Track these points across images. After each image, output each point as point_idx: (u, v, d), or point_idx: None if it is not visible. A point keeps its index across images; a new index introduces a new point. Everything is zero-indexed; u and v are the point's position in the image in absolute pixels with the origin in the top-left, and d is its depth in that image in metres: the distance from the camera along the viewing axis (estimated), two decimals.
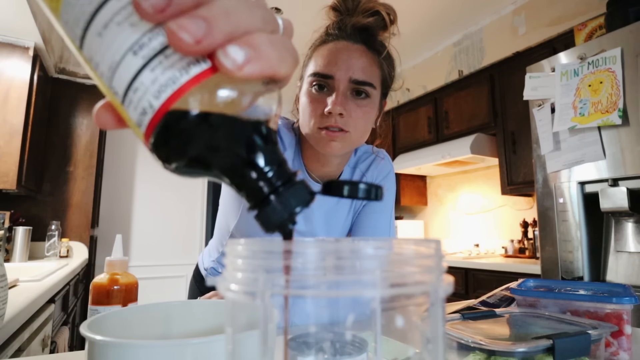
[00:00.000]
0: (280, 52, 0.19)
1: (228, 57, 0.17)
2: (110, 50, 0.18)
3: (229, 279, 0.19)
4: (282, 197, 0.21)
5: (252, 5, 0.19)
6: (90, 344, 0.31)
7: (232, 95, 0.19)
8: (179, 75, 0.18)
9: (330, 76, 0.66)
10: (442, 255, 0.21)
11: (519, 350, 0.39)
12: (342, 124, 0.66)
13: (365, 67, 0.67)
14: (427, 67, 3.21)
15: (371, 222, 0.85)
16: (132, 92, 0.19)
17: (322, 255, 0.19)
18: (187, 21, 0.17)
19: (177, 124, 0.19)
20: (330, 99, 0.65)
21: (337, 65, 0.66)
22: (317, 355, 0.25)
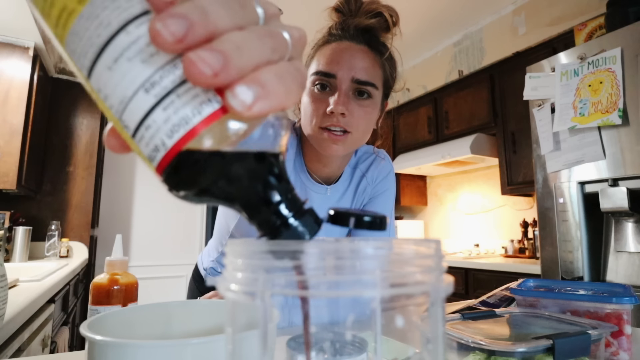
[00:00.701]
0: (287, 84, 0.19)
1: (237, 98, 0.17)
2: (121, 85, 0.18)
3: (229, 279, 0.19)
4: (292, 228, 0.21)
5: (262, 35, 0.19)
6: (90, 344, 0.31)
7: (243, 131, 0.19)
8: (192, 115, 0.18)
9: (332, 75, 0.66)
10: (442, 255, 0.21)
11: (519, 350, 0.39)
12: (344, 124, 0.66)
13: (367, 67, 0.67)
14: (427, 67, 3.21)
15: None
16: (144, 129, 0.19)
17: (322, 255, 0.19)
18: (207, 53, 0.17)
19: (190, 162, 0.19)
20: (333, 99, 0.65)
21: (340, 64, 0.66)
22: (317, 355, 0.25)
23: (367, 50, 0.68)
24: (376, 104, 0.70)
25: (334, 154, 0.68)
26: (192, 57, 0.17)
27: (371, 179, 0.84)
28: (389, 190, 0.87)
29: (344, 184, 0.82)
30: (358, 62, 0.67)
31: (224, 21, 0.18)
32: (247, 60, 0.18)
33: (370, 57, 0.68)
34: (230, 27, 0.18)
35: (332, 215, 0.24)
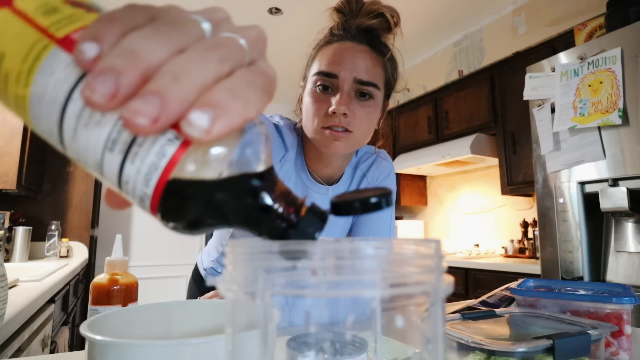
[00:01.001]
0: (245, 95, 0.18)
1: (193, 127, 0.17)
2: (89, 152, 0.19)
3: (229, 279, 0.19)
4: (299, 228, 0.21)
5: (206, 50, 0.18)
6: (90, 344, 0.31)
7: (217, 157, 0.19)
8: (157, 160, 0.18)
9: (334, 75, 0.66)
10: (442, 255, 0.21)
11: (519, 350, 0.39)
12: (346, 124, 0.66)
13: (369, 67, 0.67)
14: (427, 67, 3.21)
15: (371, 223, 0.85)
16: (124, 184, 0.19)
17: (322, 255, 0.19)
18: (138, 103, 0.16)
19: (175, 202, 0.19)
20: (335, 99, 0.65)
21: (342, 64, 0.66)
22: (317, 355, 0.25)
23: (368, 51, 0.68)
24: (378, 105, 0.70)
25: (336, 151, 0.68)
26: (126, 114, 0.16)
27: (372, 179, 0.84)
28: None
29: (345, 184, 0.82)
30: (360, 62, 0.67)
31: (157, 53, 0.17)
32: (190, 85, 0.17)
33: (372, 57, 0.68)
34: (167, 55, 0.17)
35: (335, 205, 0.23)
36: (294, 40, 3.01)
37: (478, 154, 2.59)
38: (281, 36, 2.94)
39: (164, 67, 0.17)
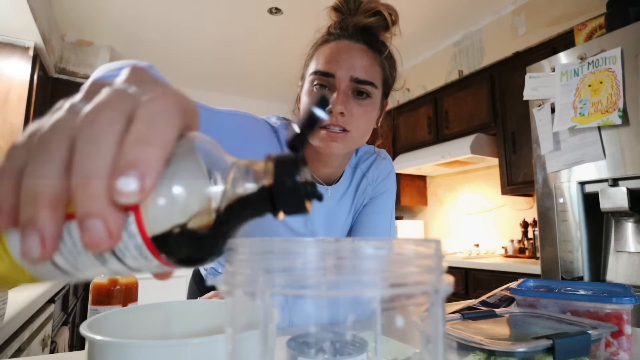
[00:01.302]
0: (152, 133, 0.18)
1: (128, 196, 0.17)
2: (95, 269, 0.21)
3: (229, 279, 0.19)
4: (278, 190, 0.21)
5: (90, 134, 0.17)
6: (90, 344, 0.31)
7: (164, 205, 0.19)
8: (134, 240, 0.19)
9: (331, 74, 0.66)
10: (442, 255, 0.21)
11: (519, 350, 0.39)
12: (343, 123, 0.65)
13: (366, 66, 0.67)
14: (427, 67, 3.21)
15: (371, 223, 0.85)
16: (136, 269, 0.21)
17: (322, 255, 0.19)
18: (83, 235, 0.17)
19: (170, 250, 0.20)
20: (332, 98, 0.65)
21: (339, 63, 0.66)
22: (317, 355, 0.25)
23: (366, 49, 0.68)
24: (375, 104, 0.69)
25: (334, 152, 0.67)
26: (85, 244, 0.17)
27: (372, 179, 0.84)
28: (390, 191, 0.87)
29: (345, 183, 0.82)
30: (357, 61, 0.66)
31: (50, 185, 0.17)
32: (98, 186, 0.17)
33: (370, 56, 0.68)
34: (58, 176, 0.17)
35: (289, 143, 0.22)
36: (294, 40, 3.01)
37: (478, 154, 2.59)
38: (281, 36, 2.94)
39: (71, 184, 0.17)
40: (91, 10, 2.62)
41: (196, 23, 2.78)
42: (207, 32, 2.90)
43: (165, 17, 2.70)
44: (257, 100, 4.25)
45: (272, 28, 2.82)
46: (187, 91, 0.21)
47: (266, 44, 3.06)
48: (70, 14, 2.67)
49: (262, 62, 3.39)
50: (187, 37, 2.97)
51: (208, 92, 4.04)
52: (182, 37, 2.96)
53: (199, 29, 2.85)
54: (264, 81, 3.79)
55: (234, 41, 3.03)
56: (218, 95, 4.10)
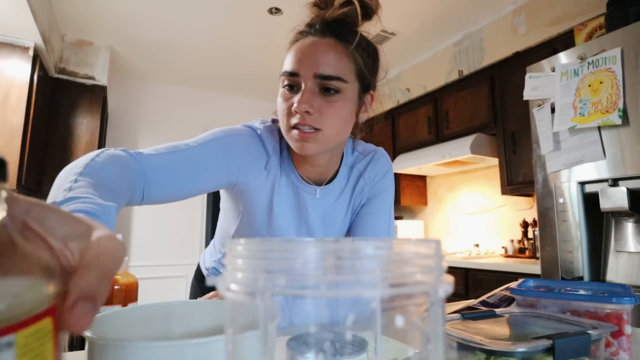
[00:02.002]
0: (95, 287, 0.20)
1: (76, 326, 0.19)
2: None
3: (229, 279, 0.19)
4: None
5: None
6: (90, 344, 0.31)
7: None
8: None
9: (296, 74, 0.64)
10: (442, 255, 0.21)
11: (519, 350, 0.39)
12: (312, 121, 0.64)
13: (332, 61, 0.64)
14: (427, 67, 3.21)
15: (370, 223, 0.84)
16: None
17: (322, 255, 0.19)
18: None
19: None
20: (297, 97, 0.64)
21: (302, 62, 0.64)
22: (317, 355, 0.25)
23: (333, 43, 0.65)
24: (347, 98, 0.66)
25: (306, 152, 0.66)
26: None
27: (369, 179, 0.83)
28: (388, 190, 0.86)
29: (341, 183, 0.81)
30: (321, 56, 0.64)
31: None
32: None
33: (337, 49, 0.65)
34: None
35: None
36: None
37: (478, 154, 2.59)
38: (281, 36, 2.93)
39: None
40: (91, 10, 2.62)
41: (196, 23, 2.78)
42: (207, 32, 2.90)
43: (165, 17, 2.70)
44: (256, 100, 4.25)
45: (272, 28, 2.83)
46: (187, 91, 0.21)
47: (266, 44, 3.06)
48: (70, 14, 2.67)
49: (262, 62, 3.39)
50: (187, 37, 2.97)
51: (208, 92, 4.04)
52: (182, 37, 2.96)
53: (198, 29, 2.85)
54: (264, 81, 3.79)
55: (234, 41, 3.03)
56: (218, 95, 4.10)
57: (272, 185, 0.75)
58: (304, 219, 0.80)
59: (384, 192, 0.85)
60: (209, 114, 4.00)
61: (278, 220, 0.78)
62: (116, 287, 0.55)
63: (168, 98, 3.85)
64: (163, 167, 0.62)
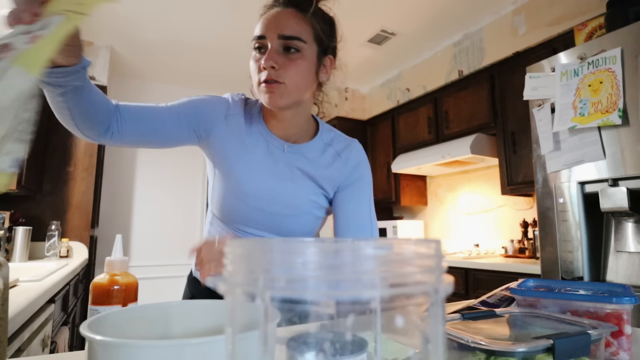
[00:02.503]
0: None
1: None
2: None
3: (229, 279, 0.19)
4: None
5: None
6: (90, 344, 0.31)
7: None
8: None
9: (263, 36, 0.76)
10: (442, 255, 0.21)
11: (519, 350, 0.39)
12: (276, 76, 0.74)
13: (293, 24, 0.75)
14: (427, 67, 3.21)
15: (353, 210, 0.89)
16: None
17: (322, 255, 0.19)
18: None
19: None
20: (264, 57, 0.74)
21: (268, 26, 0.76)
22: (317, 355, 0.25)
23: (294, 12, 0.77)
24: (306, 57, 0.76)
25: (272, 102, 0.76)
26: None
27: (345, 159, 0.89)
28: (366, 178, 0.91)
29: (313, 153, 0.87)
30: (283, 21, 0.75)
31: None
32: None
33: (297, 16, 0.76)
34: None
35: None
36: None
37: (478, 154, 2.59)
38: None
39: None
40: None
41: (196, 23, 2.78)
42: (207, 32, 2.90)
43: (166, 16, 2.70)
44: None
45: None
46: (188, 91, 0.21)
47: None
48: None
49: None
50: (187, 37, 2.97)
51: (208, 92, 4.05)
52: (182, 37, 2.96)
53: (199, 28, 2.85)
54: None
55: (234, 41, 3.03)
56: (217, 95, 4.10)
57: (239, 134, 0.84)
58: (273, 171, 0.85)
59: (363, 180, 0.91)
60: None
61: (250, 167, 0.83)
62: (116, 287, 0.55)
63: (168, 98, 3.84)
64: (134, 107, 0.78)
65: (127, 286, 0.56)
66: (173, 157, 3.80)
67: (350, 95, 3.89)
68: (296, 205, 0.85)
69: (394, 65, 3.45)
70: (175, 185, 3.76)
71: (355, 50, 3.16)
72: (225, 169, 0.84)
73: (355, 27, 2.82)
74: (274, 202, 0.84)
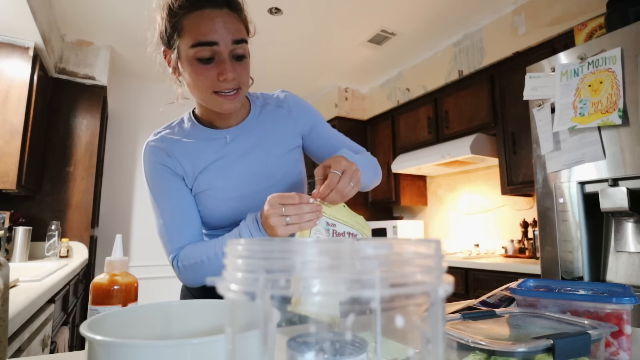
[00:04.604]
0: None
1: None
2: None
3: (229, 279, 0.19)
4: None
5: None
6: (90, 344, 0.31)
7: None
8: None
9: (215, 42, 0.71)
10: (442, 255, 0.21)
11: (519, 350, 0.39)
12: (235, 85, 0.75)
13: (238, 28, 0.74)
14: (427, 67, 3.21)
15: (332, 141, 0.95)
16: None
17: (321, 255, 0.19)
18: None
19: None
20: (222, 67, 0.72)
21: (218, 32, 0.72)
22: (317, 355, 0.25)
23: (229, 12, 0.74)
24: (248, 56, 0.78)
25: (233, 110, 0.78)
26: None
27: (288, 106, 0.93)
28: (320, 116, 0.97)
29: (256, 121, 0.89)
30: (230, 26, 0.73)
31: None
32: None
33: (235, 18, 0.75)
34: None
35: None
36: (294, 40, 3.01)
37: (478, 154, 2.59)
38: (281, 36, 2.94)
39: None
40: (91, 10, 2.62)
41: None
42: None
43: None
44: None
45: (272, 28, 2.83)
46: None
47: (266, 44, 3.06)
48: (70, 14, 2.67)
49: (262, 62, 3.39)
50: None
51: None
52: None
53: None
54: (264, 81, 3.79)
55: None
56: None
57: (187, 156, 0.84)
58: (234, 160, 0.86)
59: (319, 117, 0.96)
60: None
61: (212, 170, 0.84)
62: (116, 287, 0.55)
63: (168, 98, 3.84)
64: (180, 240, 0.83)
65: (127, 286, 0.56)
66: None
67: (350, 95, 3.89)
68: (270, 173, 0.87)
69: (394, 65, 3.45)
70: None
71: (355, 50, 3.16)
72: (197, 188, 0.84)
73: (355, 27, 2.82)
74: (248, 184, 0.85)
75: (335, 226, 0.68)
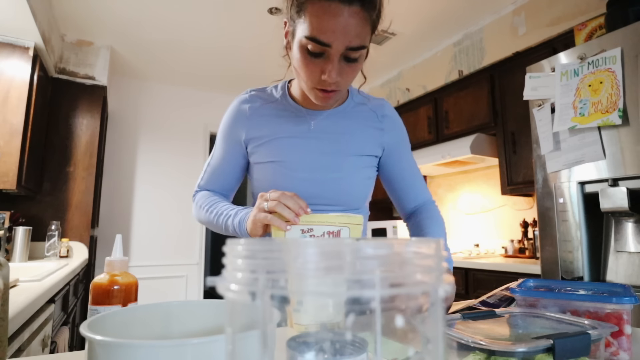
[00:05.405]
0: None
1: None
2: None
3: (229, 279, 0.19)
4: None
5: None
6: (90, 344, 0.31)
7: None
8: None
9: (328, 44, 0.67)
10: (442, 256, 0.21)
11: (519, 350, 0.39)
12: (337, 86, 0.73)
13: (359, 31, 0.67)
14: (427, 67, 3.21)
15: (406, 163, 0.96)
16: None
17: (322, 255, 0.19)
18: None
19: None
20: (328, 68, 0.69)
21: (335, 33, 0.66)
22: (317, 355, 0.25)
23: (359, 11, 0.66)
24: (363, 59, 0.73)
25: (327, 106, 0.81)
26: None
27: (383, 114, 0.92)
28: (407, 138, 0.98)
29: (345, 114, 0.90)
30: (351, 29, 0.66)
31: None
32: None
33: (362, 18, 0.67)
34: None
35: None
36: None
37: (478, 154, 2.59)
38: (281, 36, 2.93)
39: None
40: (91, 10, 2.62)
41: (196, 23, 2.78)
42: (207, 32, 2.90)
43: (166, 17, 2.70)
44: None
45: (272, 28, 2.82)
46: (188, 91, 0.21)
47: (266, 43, 3.06)
48: (70, 14, 2.67)
49: (262, 62, 3.39)
50: (187, 37, 2.97)
51: (208, 92, 4.05)
52: (182, 37, 2.96)
53: (199, 29, 2.85)
54: (264, 81, 3.79)
55: (234, 41, 3.03)
56: (217, 95, 4.10)
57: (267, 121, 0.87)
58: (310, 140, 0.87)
59: (406, 143, 0.97)
60: (209, 114, 4.00)
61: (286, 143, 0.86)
62: (116, 287, 0.55)
63: (168, 98, 3.85)
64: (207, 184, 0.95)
65: (127, 286, 0.56)
66: (173, 157, 3.80)
67: None
68: (339, 166, 0.86)
69: (394, 65, 3.45)
70: (175, 185, 3.75)
71: None
72: (264, 156, 0.87)
73: None
74: (317, 169, 0.85)
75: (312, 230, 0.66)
